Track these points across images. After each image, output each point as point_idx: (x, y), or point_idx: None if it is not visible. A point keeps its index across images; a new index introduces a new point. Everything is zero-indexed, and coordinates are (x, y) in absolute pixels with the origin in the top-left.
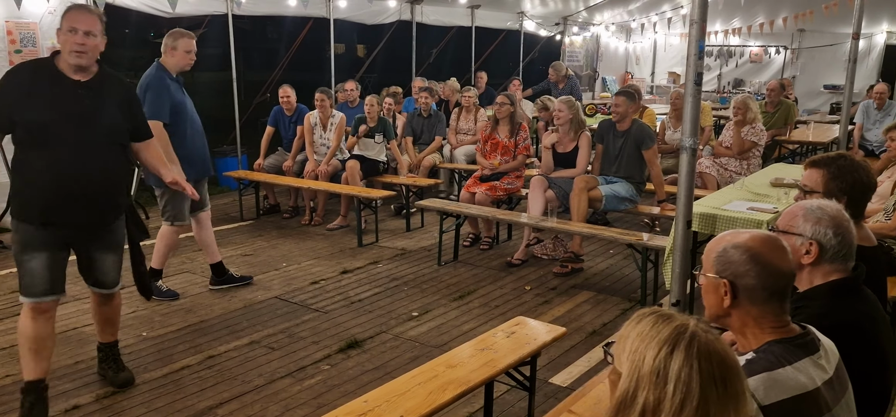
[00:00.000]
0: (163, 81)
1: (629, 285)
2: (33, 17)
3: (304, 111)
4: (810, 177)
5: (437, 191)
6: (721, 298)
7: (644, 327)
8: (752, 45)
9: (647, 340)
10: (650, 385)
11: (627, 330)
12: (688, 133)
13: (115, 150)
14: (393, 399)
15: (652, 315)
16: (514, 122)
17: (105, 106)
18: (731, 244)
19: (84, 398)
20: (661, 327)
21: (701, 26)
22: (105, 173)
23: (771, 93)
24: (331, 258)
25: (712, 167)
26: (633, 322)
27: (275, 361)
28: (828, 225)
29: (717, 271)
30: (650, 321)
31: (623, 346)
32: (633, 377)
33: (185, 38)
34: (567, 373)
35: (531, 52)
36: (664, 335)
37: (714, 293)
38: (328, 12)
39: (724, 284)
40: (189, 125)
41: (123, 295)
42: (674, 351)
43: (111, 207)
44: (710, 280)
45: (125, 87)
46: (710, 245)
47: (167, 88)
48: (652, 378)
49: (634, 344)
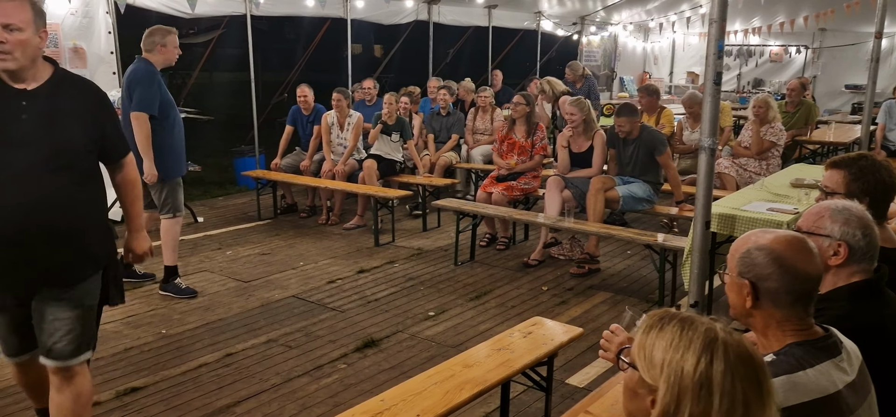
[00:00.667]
0: (154, 76)
1: (647, 286)
2: (55, 18)
3: (322, 111)
4: (831, 178)
5: (453, 190)
6: (744, 299)
7: (671, 336)
8: (773, 44)
9: (680, 349)
10: (694, 397)
11: (648, 338)
12: (707, 133)
13: (71, 177)
14: (409, 398)
15: (672, 321)
16: (531, 122)
17: (57, 119)
18: (755, 245)
19: (104, 395)
20: (690, 334)
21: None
22: (55, 210)
23: (791, 92)
24: (347, 257)
25: (731, 167)
26: (652, 329)
27: (292, 360)
28: (856, 225)
29: (740, 272)
30: (675, 328)
31: (650, 357)
32: (674, 390)
33: (172, 35)
34: (584, 374)
35: (548, 52)
36: (698, 343)
37: (737, 293)
38: (345, 12)
39: (747, 286)
40: (176, 119)
41: (141, 293)
42: (713, 360)
43: (74, 260)
44: (733, 280)
45: (92, 94)
46: (735, 244)
47: (159, 83)
48: (696, 390)
49: (667, 354)
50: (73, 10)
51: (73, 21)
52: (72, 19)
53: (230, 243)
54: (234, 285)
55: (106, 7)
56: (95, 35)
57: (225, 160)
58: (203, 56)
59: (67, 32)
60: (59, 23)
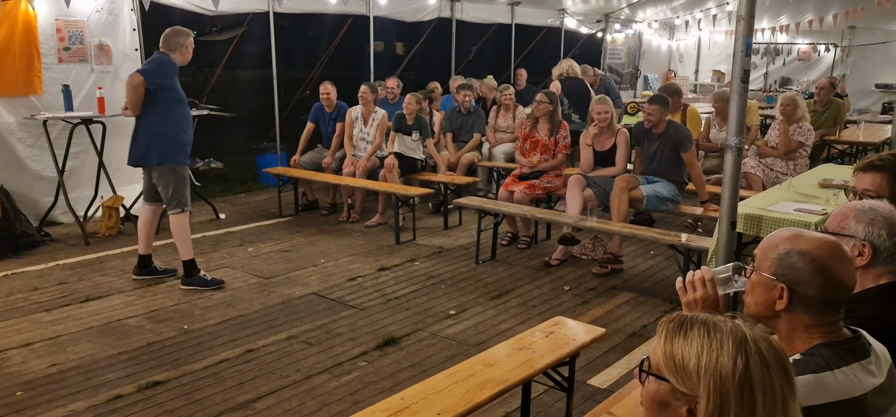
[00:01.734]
0: (172, 64)
1: (670, 287)
2: (81, 16)
3: (344, 108)
4: (872, 181)
5: (475, 189)
6: (773, 300)
7: (699, 341)
8: (801, 42)
9: (714, 354)
10: (738, 400)
11: (675, 346)
12: (733, 132)
13: None
14: (430, 396)
15: (694, 325)
16: (554, 121)
17: None
18: (796, 248)
19: (127, 388)
20: (718, 336)
21: (748, 22)
22: None
23: (820, 91)
24: (368, 255)
25: (758, 167)
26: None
27: (312, 356)
28: (882, 226)
29: (776, 272)
30: (701, 332)
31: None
32: (716, 395)
33: (191, 36)
34: (606, 375)
35: (572, 50)
36: (729, 344)
37: (766, 293)
38: (368, 10)
39: (782, 288)
40: (186, 112)
41: (163, 288)
42: (748, 358)
43: None
44: (764, 279)
45: None
46: (768, 241)
47: (172, 72)
48: (739, 392)
49: (701, 360)
50: (98, 7)
51: (99, 18)
52: (97, 16)
53: (252, 239)
54: (255, 281)
55: (131, 4)
56: (120, 32)
57: (247, 157)
58: (226, 53)
59: (93, 30)
60: (85, 20)
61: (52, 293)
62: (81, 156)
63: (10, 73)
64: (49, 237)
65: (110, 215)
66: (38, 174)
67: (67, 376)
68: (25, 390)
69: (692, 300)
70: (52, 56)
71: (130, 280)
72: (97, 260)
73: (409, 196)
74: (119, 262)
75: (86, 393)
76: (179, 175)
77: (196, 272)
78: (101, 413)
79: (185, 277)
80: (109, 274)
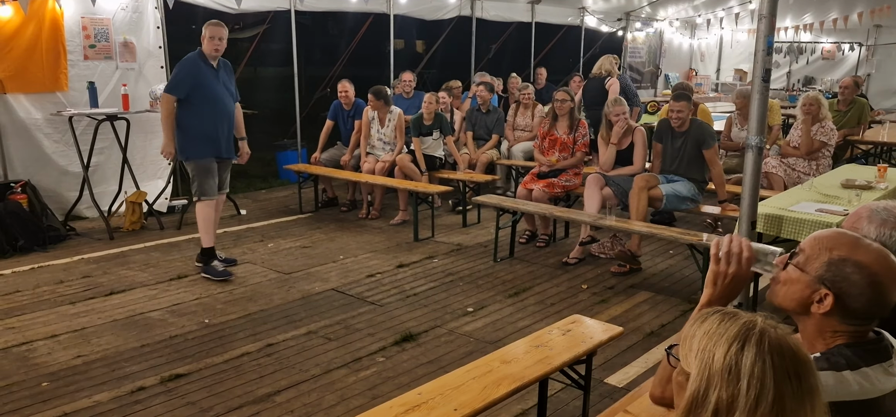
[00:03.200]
0: (193, 63)
1: (689, 286)
2: (107, 14)
3: (362, 106)
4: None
5: (493, 187)
6: (809, 300)
7: (710, 325)
8: (825, 41)
9: (715, 337)
10: (722, 383)
11: (692, 329)
12: (754, 131)
13: None
14: (447, 392)
15: (716, 313)
16: (574, 119)
17: None
18: (853, 259)
19: (149, 380)
20: (728, 324)
21: (770, 21)
22: None
23: (844, 90)
24: (387, 252)
25: (779, 167)
26: (696, 321)
27: (331, 351)
28: (893, 226)
29: (824, 277)
30: (716, 319)
31: (689, 346)
32: (704, 375)
33: (212, 26)
34: (623, 374)
35: (592, 48)
36: (733, 331)
37: (805, 291)
38: (389, 8)
39: (826, 294)
40: (210, 106)
41: (186, 283)
42: (744, 347)
43: None
44: (807, 278)
45: None
46: (823, 241)
47: (195, 70)
48: (724, 376)
49: (701, 342)
50: (123, 5)
51: (124, 16)
52: (122, 14)
53: (272, 235)
54: (275, 277)
55: (155, 3)
56: (144, 30)
57: (268, 154)
58: (248, 51)
59: (118, 27)
60: (110, 18)
61: (77, 286)
62: (106, 151)
63: (38, 70)
64: (74, 231)
65: (134, 210)
66: (64, 169)
67: (92, 367)
68: (51, 380)
69: (723, 271)
70: (78, 53)
71: (152, 274)
72: (121, 254)
73: (427, 193)
74: (142, 256)
75: (110, 385)
76: (198, 165)
77: (210, 260)
78: (124, 404)
79: (199, 261)
80: (133, 268)
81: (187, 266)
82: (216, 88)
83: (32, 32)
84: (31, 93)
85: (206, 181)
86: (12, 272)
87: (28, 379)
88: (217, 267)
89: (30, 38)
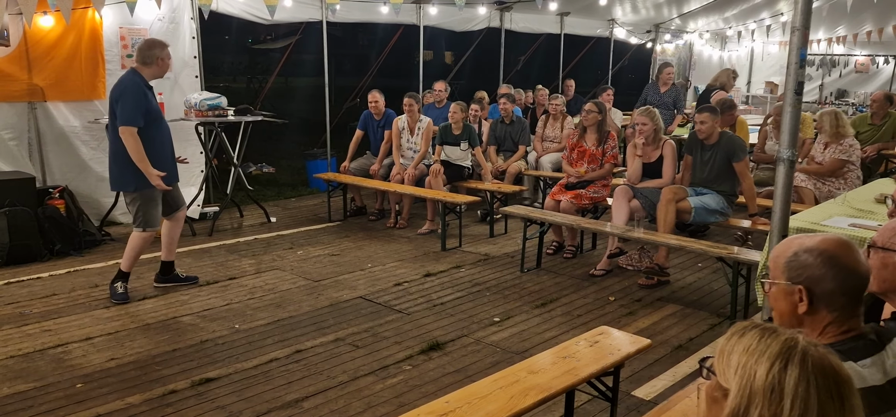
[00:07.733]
0: (139, 88)
1: (718, 300)
2: (144, 24)
3: (392, 116)
4: None
5: (521, 197)
6: (794, 306)
7: (750, 341)
8: (858, 54)
9: (756, 355)
10: (765, 402)
11: (729, 344)
12: (786, 144)
13: None
14: (474, 401)
15: (755, 328)
16: (603, 131)
17: None
18: (802, 248)
19: (180, 383)
20: (769, 341)
21: (803, 34)
22: None
23: (875, 103)
24: (414, 261)
25: (809, 181)
26: (734, 336)
27: (359, 359)
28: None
29: (790, 277)
30: (755, 334)
31: (727, 361)
32: (744, 393)
33: (167, 48)
34: (650, 387)
35: (621, 61)
36: (774, 349)
37: (786, 300)
38: (419, 19)
39: (799, 291)
40: (157, 130)
41: (217, 288)
42: (788, 366)
43: None
44: (781, 287)
45: None
46: (777, 250)
47: (144, 95)
48: (766, 394)
49: (742, 358)
50: (160, 15)
51: (161, 27)
52: (159, 25)
53: (301, 243)
54: (304, 284)
55: (191, 13)
56: (181, 40)
57: (298, 162)
58: (280, 61)
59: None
60: (147, 28)
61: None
62: None
63: (77, 79)
64: (109, 236)
65: None
66: (101, 176)
67: (125, 370)
68: (85, 382)
69: None
70: (116, 62)
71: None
72: (153, 259)
73: (455, 203)
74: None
75: (142, 387)
76: (146, 194)
77: (121, 282)
78: (155, 406)
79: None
80: None
81: (219, 272)
82: (158, 109)
83: (72, 42)
84: (71, 101)
85: (151, 211)
86: (49, 275)
87: (63, 380)
88: (118, 289)
89: (70, 47)
